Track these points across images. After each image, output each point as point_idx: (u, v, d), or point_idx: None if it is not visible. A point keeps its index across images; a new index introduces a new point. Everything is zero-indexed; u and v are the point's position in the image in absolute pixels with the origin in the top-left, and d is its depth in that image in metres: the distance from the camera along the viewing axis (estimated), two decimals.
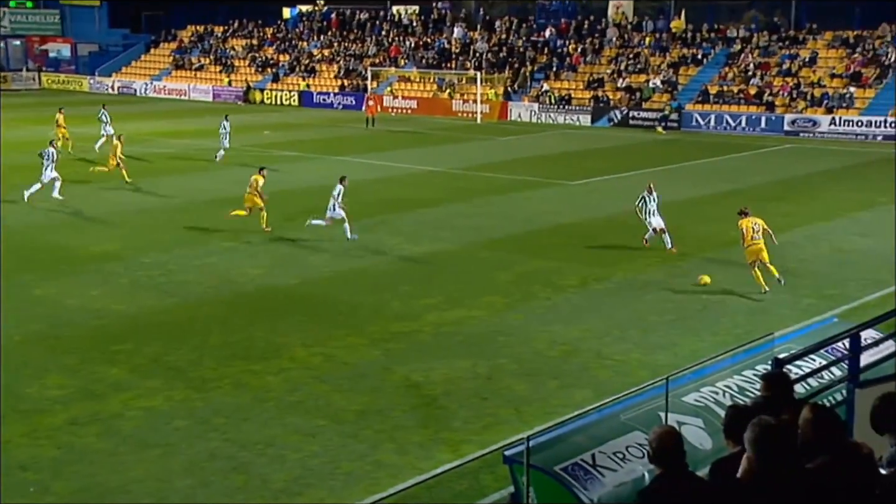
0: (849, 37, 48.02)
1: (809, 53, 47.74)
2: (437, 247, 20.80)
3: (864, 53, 46.35)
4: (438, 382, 12.81)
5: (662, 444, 5.19)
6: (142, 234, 21.82)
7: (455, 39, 58.84)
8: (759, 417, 5.14)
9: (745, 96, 46.27)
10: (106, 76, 69.78)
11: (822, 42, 48.60)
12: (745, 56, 48.94)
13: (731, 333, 14.71)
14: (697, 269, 18.71)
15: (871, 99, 43.82)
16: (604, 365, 13.51)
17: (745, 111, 45.31)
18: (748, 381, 9.34)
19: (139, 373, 13.09)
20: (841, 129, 42.60)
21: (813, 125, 43.31)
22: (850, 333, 8.90)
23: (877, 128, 41.87)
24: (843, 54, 47.06)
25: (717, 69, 49.42)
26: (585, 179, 30.04)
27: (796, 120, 43.74)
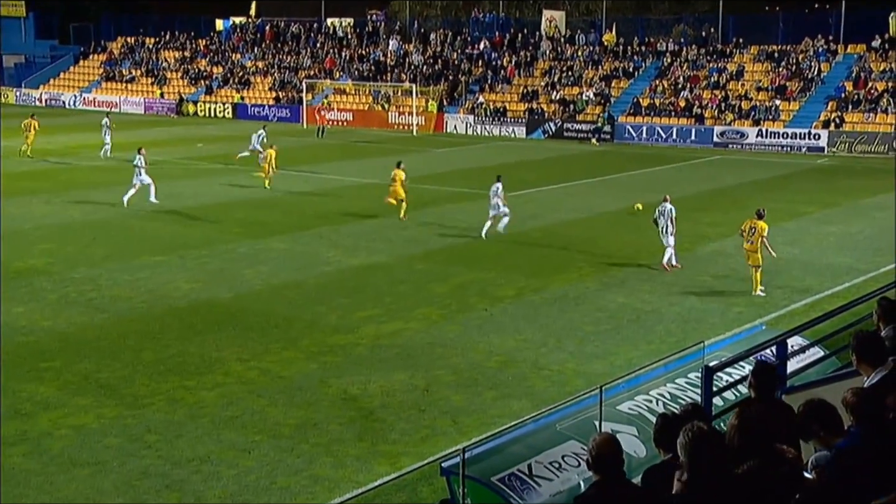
0: (774, 51, 49.38)
1: (736, 67, 48.94)
2: (374, 259, 20.76)
3: (788, 67, 47.70)
4: (376, 395, 12.76)
5: (601, 451, 5.26)
6: (70, 248, 21.34)
7: (390, 52, 58.91)
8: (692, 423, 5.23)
9: (675, 109, 47.22)
10: (33, 88, 68.18)
11: (749, 56, 49.89)
12: (675, 69, 49.96)
13: (665, 342, 14.95)
14: (631, 280, 18.99)
15: (796, 112, 45.10)
16: (540, 375, 13.61)
17: (675, 123, 46.25)
18: (680, 389, 9.51)
19: (69, 391, 12.78)
20: (767, 141, 43.74)
21: (741, 137, 44.39)
22: (777, 340, 9.12)
23: (801, 140, 43.09)
24: (768, 68, 48.37)
25: (648, 82, 50.35)
26: (521, 191, 30.23)
27: (725, 132, 44.79)
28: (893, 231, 23.99)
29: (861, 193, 30.29)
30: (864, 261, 20.63)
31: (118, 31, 71.76)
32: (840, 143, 42.06)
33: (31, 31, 75.47)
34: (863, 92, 44.11)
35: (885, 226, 24.82)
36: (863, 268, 19.95)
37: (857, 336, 6.77)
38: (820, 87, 46.19)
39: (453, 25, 61.83)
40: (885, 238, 23.10)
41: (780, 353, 9.00)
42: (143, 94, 63.20)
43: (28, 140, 37.32)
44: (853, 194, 30.12)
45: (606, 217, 25.94)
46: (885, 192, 30.43)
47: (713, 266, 20.32)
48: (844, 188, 31.58)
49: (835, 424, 5.62)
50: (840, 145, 42.02)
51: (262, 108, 57.77)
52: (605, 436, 5.48)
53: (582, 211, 26.60)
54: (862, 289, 16.86)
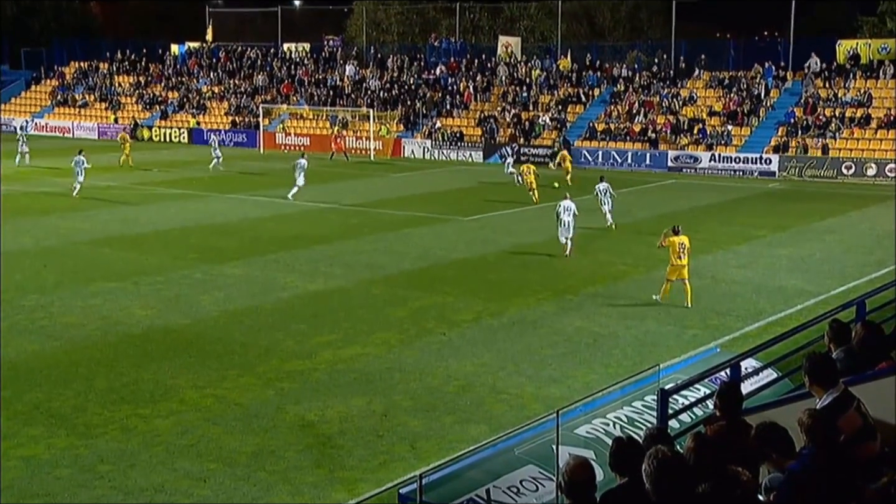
0: (725, 77, 50.33)
1: (689, 93, 49.77)
2: (331, 284, 20.68)
3: (739, 93, 48.62)
4: (333, 421, 12.68)
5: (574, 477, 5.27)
6: (20, 275, 20.96)
7: (347, 77, 59.02)
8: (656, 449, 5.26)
9: (630, 133, 47.85)
10: None
11: (701, 82, 50.78)
12: (629, 95, 50.67)
13: (622, 365, 15.05)
14: (587, 304, 19.13)
15: (748, 137, 45.96)
16: (499, 399, 13.62)
17: (630, 148, 46.85)
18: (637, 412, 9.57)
19: (18, 421, 12.51)
20: (720, 166, 44.46)
21: (694, 161, 45.09)
22: (731, 363, 9.23)
23: (753, 164, 43.87)
24: (720, 94, 49.25)
25: (603, 107, 51.00)
26: (478, 215, 30.41)
27: (679, 156, 45.48)
28: (842, 254, 24.49)
29: (811, 217, 30.90)
30: (816, 283, 21.01)
31: (70, 56, 71.01)
32: (791, 168, 42.91)
33: None
34: (811, 118, 45.10)
35: (836, 249, 25.34)
36: (814, 290, 20.31)
37: (810, 358, 6.87)
38: (770, 113, 47.14)
39: (410, 51, 62.17)
40: (835, 261, 23.57)
41: (735, 375, 9.10)
42: (97, 119, 62.54)
43: (126, 152, 43.18)
44: (804, 218, 30.71)
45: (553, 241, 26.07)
46: (834, 216, 31.09)
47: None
48: (795, 212, 32.19)
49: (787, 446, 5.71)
50: (791, 170, 42.86)
51: (218, 132, 57.45)
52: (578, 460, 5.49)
53: (539, 234, 26.76)
54: (813, 311, 17.15)
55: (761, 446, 5.64)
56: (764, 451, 5.64)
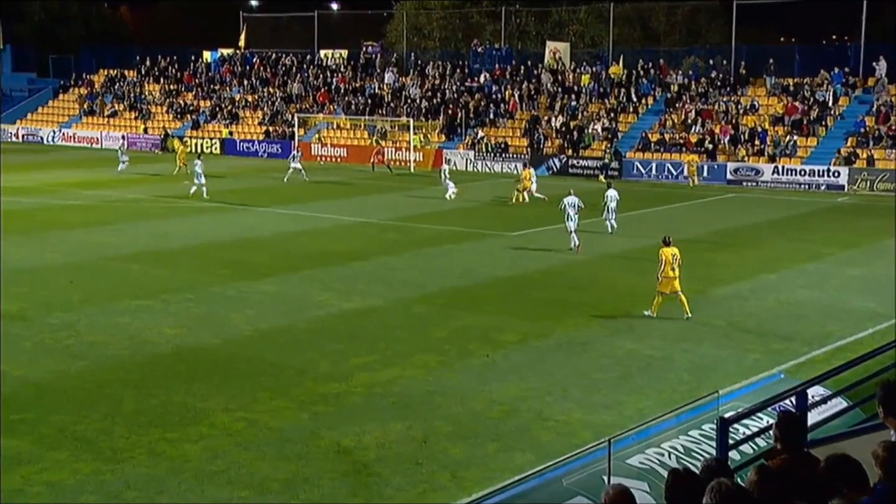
0: (789, 84, 49.83)
1: (750, 101, 49.34)
2: (368, 302, 20.76)
3: (804, 101, 48.10)
4: (370, 447, 12.70)
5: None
6: (46, 292, 21.34)
7: (386, 85, 59.42)
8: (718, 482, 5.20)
9: (686, 144, 47.54)
10: (9, 123, 68.64)
11: (763, 89, 50.32)
12: (686, 103, 50.37)
13: (677, 391, 14.90)
14: (640, 325, 18.99)
15: (814, 148, 45.40)
16: (545, 426, 13.55)
17: (686, 159, 46.47)
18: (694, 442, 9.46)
19: (43, 444, 12.70)
20: (784, 178, 43.96)
21: (756, 174, 44.63)
22: (796, 390, 9.10)
23: (820, 177, 43.31)
24: (784, 101, 48.74)
25: (658, 116, 50.74)
26: (524, 230, 30.36)
27: (739, 168, 45.05)
28: None
29: (884, 234, 30.35)
30: (889, 305, 20.61)
31: (99, 64, 72.38)
32: (861, 181, 42.28)
33: (7, 63, 76.12)
34: (884, 127, 44.44)
35: None
36: (887, 313, 19.93)
37: (884, 386, 6.72)
38: (839, 122, 46.55)
39: (452, 57, 62.45)
40: None
41: (800, 403, 8.97)
42: (126, 129, 63.59)
43: (181, 160, 45.37)
44: (876, 235, 30.20)
45: (614, 259, 25.99)
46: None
47: (727, 310, 20.33)
48: (866, 228, 31.68)
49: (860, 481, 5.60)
50: (861, 183, 42.23)
51: (251, 143, 58.13)
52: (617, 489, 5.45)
53: (588, 252, 26.65)
54: (887, 335, 16.86)
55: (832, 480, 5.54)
56: (835, 486, 5.54)
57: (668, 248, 19.27)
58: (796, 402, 9.00)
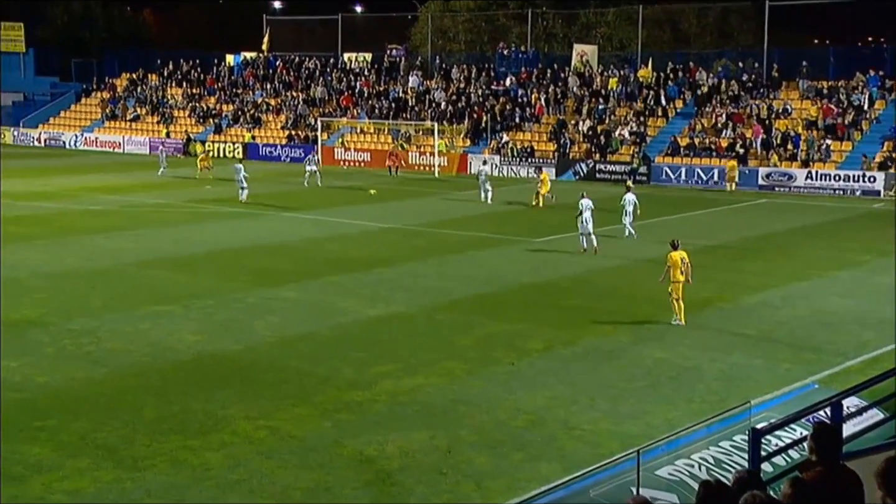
0: (823, 87, 49.46)
1: (782, 104, 49.03)
2: (392, 309, 20.79)
3: (839, 104, 47.72)
4: (394, 456, 12.71)
5: None
6: (66, 298, 21.53)
7: (410, 88, 59.54)
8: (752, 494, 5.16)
9: (716, 149, 47.28)
10: (32, 127, 69.40)
11: (796, 92, 49.98)
12: (716, 107, 50.12)
13: (707, 401, 14.82)
14: (668, 334, 18.89)
15: (849, 152, 45.01)
16: (572, 436, 13.51)
17: (716, 164, 46.24)
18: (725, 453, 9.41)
19: (64, 451, 12.81)
20: (818, 184, 43.61)
21: (788, 179, 44.32)
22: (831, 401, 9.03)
23: (855, 182, 42.94)
24: (817, 105, 48.38)
25: (687, 120, 50.52)
26: (550, 237, 30.31)
27: (771, 174, 44.75)
28: None
29: None
30: None
31: (122, 67, 73.03)
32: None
33: (30, 67, 77.06)
34: None
35: None
36: None
37: None
38: (875, 126, 46.14)
39: (478, 61, 62.48)
40: None
41: (835, 415, 8.90)
42: (148, 133, 64.11)
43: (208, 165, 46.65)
44: None
45: (642, 265, 25.88)
46: None
47: (758, 319, 20.20)
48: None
49: None
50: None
51: (274, 147, 58.43)
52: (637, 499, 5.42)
53: (615, 258, 26.56)
54: None
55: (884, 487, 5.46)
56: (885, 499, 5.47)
57: (677, 251, 19.44)
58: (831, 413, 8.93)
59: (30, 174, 48.02)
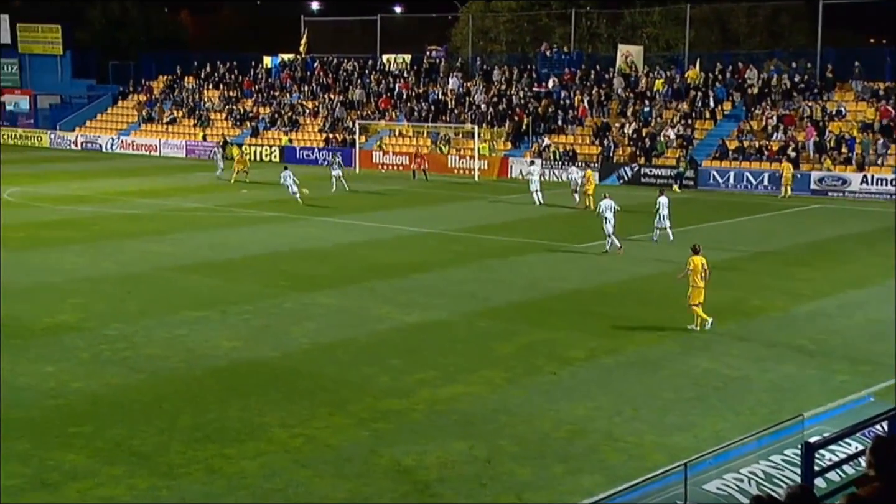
0: (879, 88, 48.77)
1: (836, 106, 48.43)
2: (431, 316, 20.80)
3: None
4: (432, 467, 12.71)
5: None
6: (103, 302, 21.80)
7: (450, 90, 59.63)
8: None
9: (767, 152, 46.80)
10: (68, 131, 70.45)
11: (851, 94, 49.33)
12: (767, 108, 49.62)
13: (757, 413, 14.67)
14: (716, 343, 18.73)
15: None
16: (615, 447, 13.44)
17: (767, 168, 45.76)
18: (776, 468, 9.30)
19: (100, 458, 12.96)
20: (873, 188, 43.00)
21: (842, 183, 43.74)
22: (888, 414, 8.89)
23: None
24: (874, 107, 47.71)
25: (736, 123, 50.07)
26: (592, 242, 30.19)
27: (824, 178, 44.19)
28: None
29: None
30: None
31: (159, 70, 73.90)
32: None
33: (67, 69, 78.21)
34: None
35: None
36: None
37: None
38: None
39: (519, 62, 62.42)
40: None
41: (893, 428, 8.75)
42: (185, 136, 64.81)
43: (244, 167, 47.03)
44: None
45: None
46: None
47: (811, 328, 19.95)
48: None
49: None
50: None
51: (311, 150, 58.79)
52: None
53: (662, 264, 26.38)
54: None
55: None
56: None
57: (697, 256, 19.49)
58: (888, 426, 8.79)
59: (66, 178, 48.76)
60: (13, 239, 29.92)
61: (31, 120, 75.29)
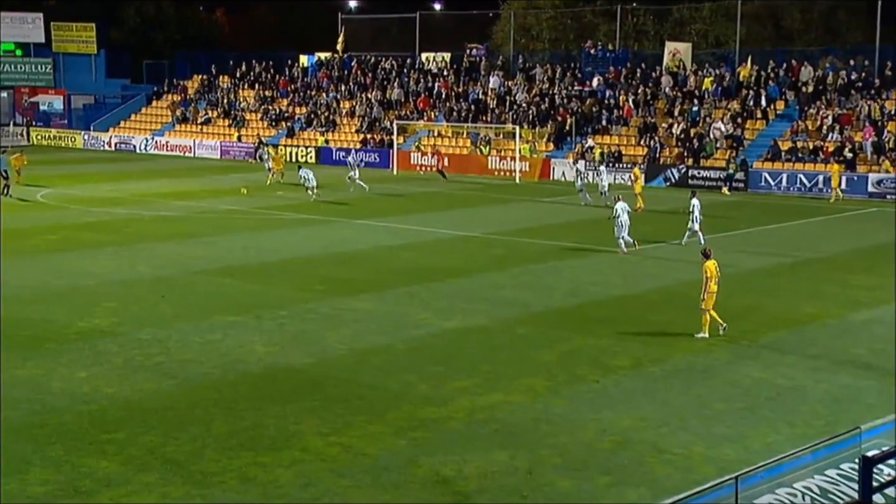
0: None
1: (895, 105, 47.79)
2: (470, 322, 20.80)
3: None
4: (472, 477, 12.70)
5: None
6: (136, 306, 22.04)
7: (491, 90, 59.63)
8: None
9: (822, 153, 46.27)
10: (102, 131, 71.34)
11: None
12: (821, 108, 49.06)
13: (811, 425, 14.52)
14: (768, 352, 18.55)
15: None
16: (662, 459, 13.35)
17: (821, 170, 45.21)
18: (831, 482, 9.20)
19: (133, 466, 13.10)
20: None
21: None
22: None
23: None
24: None
25: (790, 122, 49.56)
26: (636, 246, 30.03)
27: (882, 180, 43.60)
28: None
29: None
30: None
31: (194, 69, 74.64)
32: None
33: (101, 69, 79.28)
34: None
35: None
36: None
37: None
38: None
39: (562, 60, 62.27)
40: None
41: None
42: (220, 137, 65.38)
43: (280, 168, 47.27)
44: None
45: (738, 278, 25.46)
46: None
47: (868, 337, 19.70)
48: None
49: None
50: None
51: (347, 151, 58.98)
52: None
53: None
54: None
55: None
56: None
57: (710, 260, 19.49)
58: None
59: (100, 179, 49.40)
60: (47, 241, 30.38)
61: (64, 120, 76.37)
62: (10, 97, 77.34)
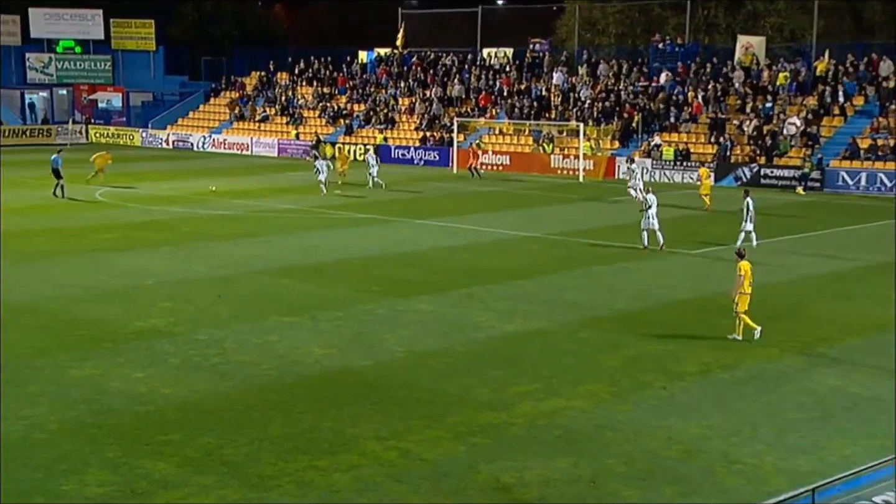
0: None
1: None
2: (532, 325, 20.77)
3: None
4: (533, 485, 12.69)
5: None
6: (193, 307, 22.36)
7: (554, 86, 59.46)
8: None
9: None
10: (160, 129, 72.47)
11: None
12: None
13: (891, 436, 14.25)
14: (844, 359, 18.26)
15: None
16: (732, 470, 13.22)
17: None
18: None
19: (190, 468, 13.30)
20: None
21: None
22: None
23: None
24: None
25: (869, 119, 48.68)
26: (706, 248, 29.76)
27: None
28: None
29: None
30: None
31: (252, 66, 75.47)
32: None
33: (160, 66, 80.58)
34: None
35: None
36: None
37: None
38: None
39: (629, 55, 61.87)
40: None
41: None
42: (277, 134, 66.03)
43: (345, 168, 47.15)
44: None
45: (812, 281, 25.10)
46: None
47: None
48: None
49: None
50: None
51: (407, 149, 59.27)
52: None
53: (782, 273, 25.83)
54: None
55: None
56: None
57: (745, 261, 19.42)
58: None
59: (158, 177, 50.22)
60: (104, 240, 30.96)
61: (123, 118, 77.73)
62: (70, 95, 78.93)
